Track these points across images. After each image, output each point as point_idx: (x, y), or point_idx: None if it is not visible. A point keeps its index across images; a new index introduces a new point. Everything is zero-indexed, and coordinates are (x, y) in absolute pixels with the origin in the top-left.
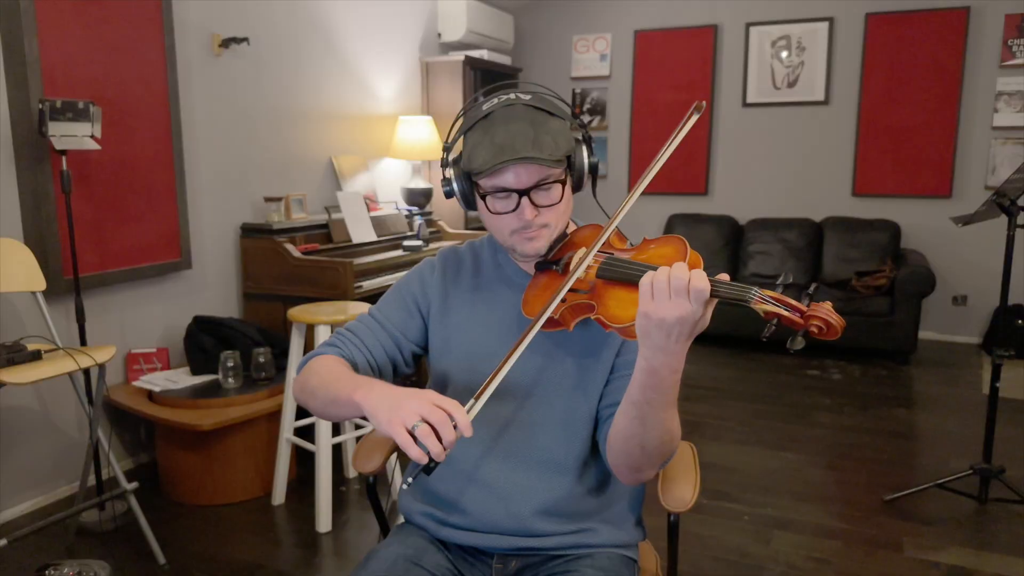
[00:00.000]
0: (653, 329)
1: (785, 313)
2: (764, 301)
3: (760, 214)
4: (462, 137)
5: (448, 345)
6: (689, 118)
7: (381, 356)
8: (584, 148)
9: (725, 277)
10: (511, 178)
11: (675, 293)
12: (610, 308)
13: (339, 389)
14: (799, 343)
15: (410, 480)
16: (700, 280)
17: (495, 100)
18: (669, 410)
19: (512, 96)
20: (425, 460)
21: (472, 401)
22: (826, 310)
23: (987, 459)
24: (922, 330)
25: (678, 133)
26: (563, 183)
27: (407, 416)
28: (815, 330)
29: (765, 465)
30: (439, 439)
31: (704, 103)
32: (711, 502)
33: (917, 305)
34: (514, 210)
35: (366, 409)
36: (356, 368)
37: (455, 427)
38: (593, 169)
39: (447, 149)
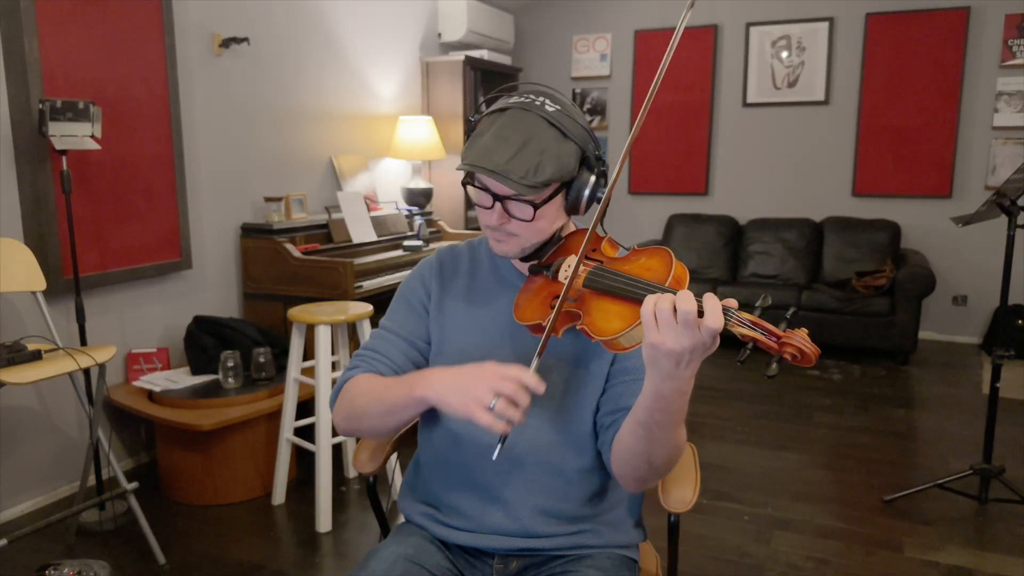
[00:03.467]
0: (662, 359)
1: (761, 337)
2: (741, 324)
3: (760, 214)
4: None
5: (443, 345)
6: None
7: (405, 364)
8: (592, 177)
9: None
10: (489, 180)
11: (683, 325)
12: (595, 319)
13: (393, 395)
14: (774, 369)
15: (499, 448)
16: (714, 319)
17: (521, 98)
18: (677, 428)
19: (537, 102)
20: (506, 429)
21: (536, 359)
22: (801, 338)
23: (987, 459)
24: (922, 330)
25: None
26: (536, 205)
27: (481, 396)
28: (789, 357)
29: (765, 465)
30: (517, 406)
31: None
32: (711, 502)
33: (917, 305)
34: (489, 208)
35: (433, 400)
36: None
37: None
38: (596, 200)
39: (471, 120)
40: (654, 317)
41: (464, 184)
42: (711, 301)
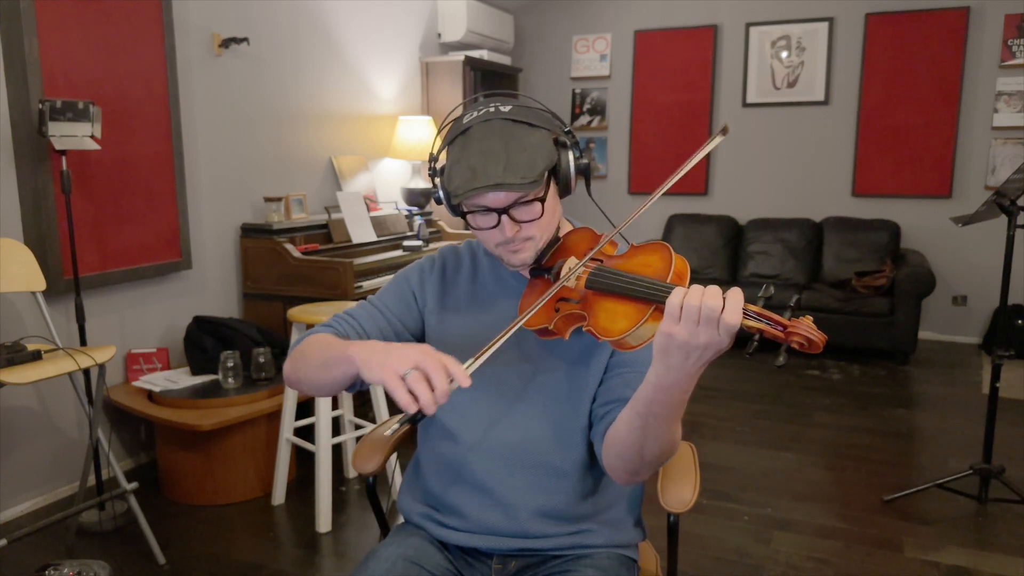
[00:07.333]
0: (674, 350)
1: (767, 328)
2: (747, 316)
3: (760, 214)
4: (447, 147)
5: (443, 348)
6: (713, 139)
7: (375, 336)
8: (569, 152)
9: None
10: (489, 198)
11: (705, 321)
12: (600, 320)
13: (333, 350)
14: (782, 359)
15: (396, 426)
16: (733, 316)
17: (475, 113)
18: (674, 423)
19: (491, 109)
20: (414, 408)
21: (471, 360)
22: (806, 326)
23: (987, 459)
24: (922, 330)
25: (703, 149)
26: (543, 199)
27: (399, 363)
28: (796, 345)
29: (765, 465)
30: (432, 389)
31: (728, 127)
32: (711, 502)
33: (917, 305)
34: (496, 226)
35: (358, 361)
36: None
37: (451, 379)
38: (582, 171)
39: (433, 159)
40: (679, 309)
41: (463, 214)
42: (735, 296)
